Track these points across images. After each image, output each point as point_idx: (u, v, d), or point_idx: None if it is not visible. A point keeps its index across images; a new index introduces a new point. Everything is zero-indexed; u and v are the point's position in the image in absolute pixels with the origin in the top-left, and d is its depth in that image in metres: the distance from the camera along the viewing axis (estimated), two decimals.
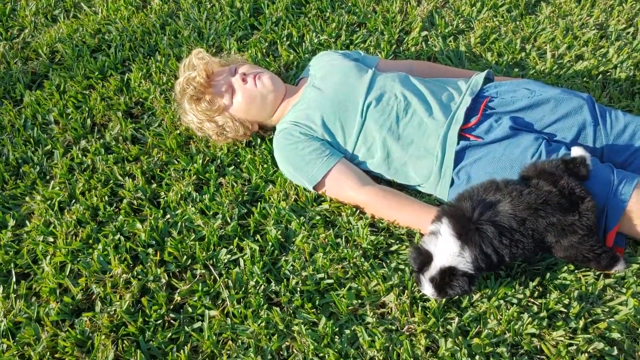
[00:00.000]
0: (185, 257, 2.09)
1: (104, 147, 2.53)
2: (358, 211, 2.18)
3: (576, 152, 1.94)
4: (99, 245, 2.14)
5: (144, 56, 2.96)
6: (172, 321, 1.95)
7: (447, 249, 1.77)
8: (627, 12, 2.89)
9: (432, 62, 2.72)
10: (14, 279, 2.09)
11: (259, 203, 2.24)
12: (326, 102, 2.28)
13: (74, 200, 2.34)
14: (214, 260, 2.08)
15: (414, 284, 1.92)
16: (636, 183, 1.88)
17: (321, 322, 1.86)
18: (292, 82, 2.71)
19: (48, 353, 1.87)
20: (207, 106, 2.39)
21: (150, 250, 2.12)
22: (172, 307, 1.98)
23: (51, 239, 2.21)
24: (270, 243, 2.10)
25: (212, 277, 2.04)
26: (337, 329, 1.85)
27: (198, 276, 2.04)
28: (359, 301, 1.92)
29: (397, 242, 2.08)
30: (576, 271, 1.93)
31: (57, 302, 2.01)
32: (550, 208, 1.79)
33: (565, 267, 1.93)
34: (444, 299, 1.87)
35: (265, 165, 2.37)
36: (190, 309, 1.96)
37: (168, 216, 2.23)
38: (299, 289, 1.96)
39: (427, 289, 1.81)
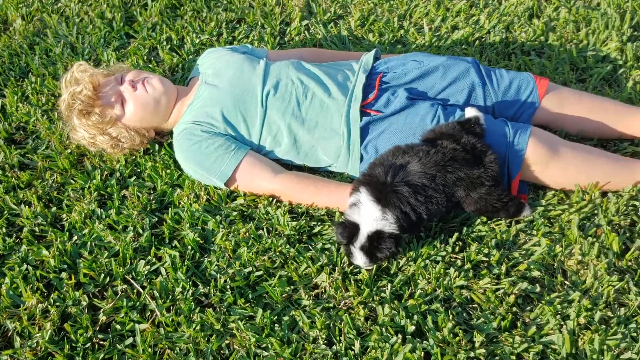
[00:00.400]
0: (102, 275, 1.98)
1: None
2: (275, 200, 2.17)
3: (469, 112, 2.06)
4: (6, 279, 1.98)
5: (17, 79, 2.77)
6: (101, 342, 1.84)
7: (370, 215, 1.82)
8: None
9: (319, 48, 2.76)
10: None
11: (170, 209, 2.17)
12: (224, 97, 2.25)
13: None
14: (134, 273, 1.99)
15: (343, 261, 1.95)
16: (530, 132, 2.01)
17: (258, 314, 1.83)
18: (181, 85, 2.65)
19: None
20: (99, 119, 2.28)
21: (63, 274, 1.99)
22: (98, 328, 1.87)
23: None
24: (189, 247, 2.04)
25: (135, 290, 1.95)
26: (275, 318, 1.83)
27: (120, 292, 1.94)
28: (292, 287, 1.92)
29: (319, 223, 2.09)
30: (489, 222, 2.04)
31: None
32: (457, 163, 1.89)
33: (479, 220, 2.04)
34: (374, 269, 1.91)
35: (168, 171, 2.30)
36: (118, 327, 1.86)
37: (75, 238, 2.11)
38: (228, 287, 1.92)
39: (359, 258, 1.84)
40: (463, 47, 2.71)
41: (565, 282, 1.87)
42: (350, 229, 1.84)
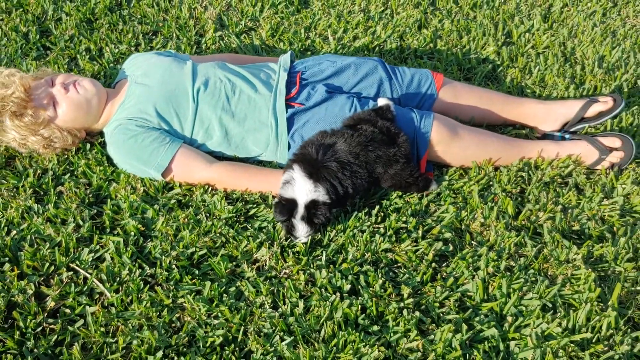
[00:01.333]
0: (46, 265, 2.03)
1: None
2: (210, 188, 2.32)
3: (381, 101, 2.34)
4: None
5: None
6: (52, 327, 1.89)
7: (304, 189, 2.04)
8: None
9: (238, 54, 2.97)
10: None
11: (108, 201, 2.26)
12: (156, 94, 2.39)
13: None
14: (78, 262, 2.06)
15: (280, 236, 2.14)
16: (433, 117, 2.33)
17: (206, 287, 1.97)
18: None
19: None
20: (32, 120, 2.33)
21: (5, 267, 2.02)
22: (47, 314, 1.92)
23: None
24: (132, 233, 2.14)
25: (82, 276, 2.02)
26: (222, 290, 1.98)
27: (66, 279, 2.00)
28: (234, 263, 2.07)
29: (254, 206, 2.27)
30: (404, 196, 2.31)
31: None
32: (376, 143, 2.16)
33: (395, 195, 2.31)
34: (309, 241, 2.11)
35: (101, 167, 2.39)
36: (68, 311, 1.92)
37: (14, 232, 2.14)
38: (174, 266, 2.04)
39: (301, 229, 2.04)
40: (365, 53, 3.04)
41: (473, 241, 2.17)
42: (289, 205, 2.04)
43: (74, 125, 2.43)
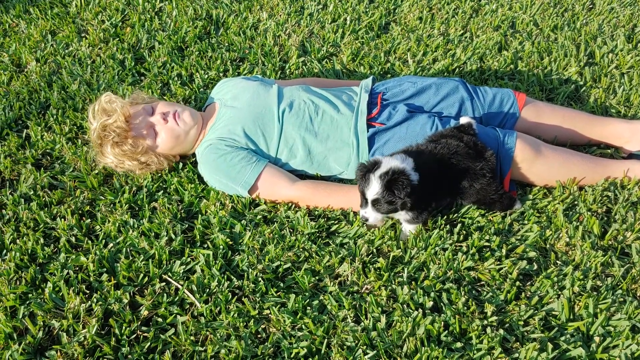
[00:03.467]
0: (141, 275, 2.15)
1: (23, 197, 2.50)
2: (293, 205, 2.40)
3: (464, 120, 2.36)
4: (48, 284, 2.12)
5: (38, 112, 2.96)
6: (145, 334, 1.99)
7: (391, 160, 2.05)
8: (460, 21, 3.52)
9: (320, 78, 3.07)
10: None
11: (199, 216, 2.37)
12: (244, 115, 2.50)
13: (5, 251, 2.29)
14: (170, 273, 2.16)
15: (362, 252, 2.18)
16: (516, 135, 2.33)
17: (290, 300, 2.03)
18: None
19: None
20: (131, 148, 2.48)
21: (103, 277, 2.14)
22: (140, 322, 2.02)
23: None
24: (221, 246, 2.23)
25: (173, 287, 2.12)
26: (306, 302, 2.03)
27: (158, 290, 2.11)
28: (317, 277, 2.13)
29: (336, 222, 2.33)
30: (486, 215, 2.31)
31: (17, 344, 1.95)
32: (460, 156, 2.18)
33: (477, 213, 2.31)
34: (390, 259, 2.14)
35: (192, 185, 2.51)
36: (160, 319, 2.02)
37: (111, 245, 2.27)
38: (260, 279, 2.12)
39: (374, 186, 2.03)
40: (445, 74, 3.07)
41: (558, 260, 2.14)
42: (371, 163, 2.05)
43: (170, 152, 2.58)
